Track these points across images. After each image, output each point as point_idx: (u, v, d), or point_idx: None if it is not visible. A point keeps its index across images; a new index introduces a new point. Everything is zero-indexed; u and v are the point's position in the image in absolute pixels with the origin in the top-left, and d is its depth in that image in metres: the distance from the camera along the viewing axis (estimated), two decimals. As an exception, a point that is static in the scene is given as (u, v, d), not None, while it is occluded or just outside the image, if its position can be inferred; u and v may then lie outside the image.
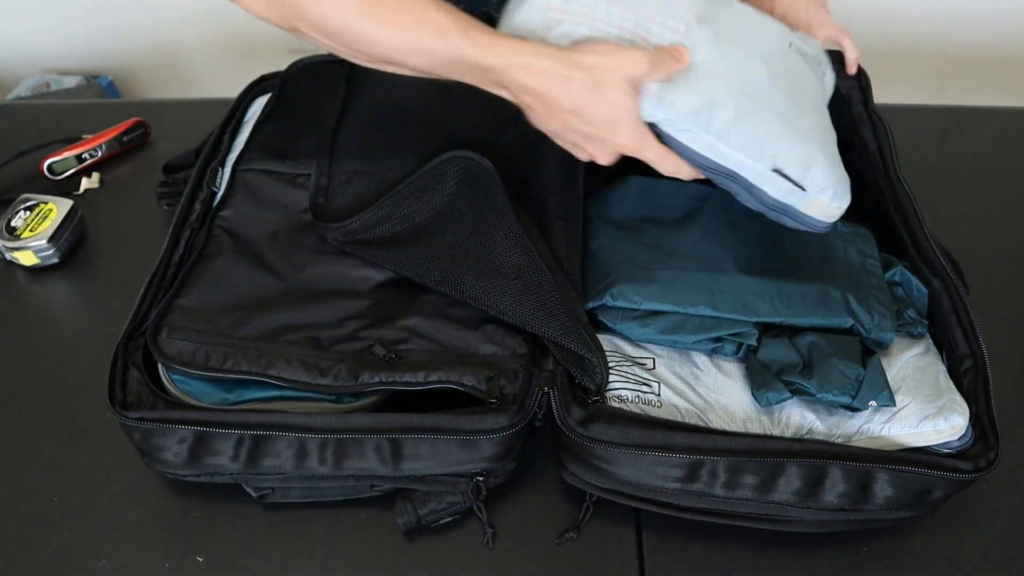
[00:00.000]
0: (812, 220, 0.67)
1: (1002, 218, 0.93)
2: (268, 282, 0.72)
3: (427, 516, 0.65)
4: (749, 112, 0.64)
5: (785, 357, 0.64)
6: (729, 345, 0.66)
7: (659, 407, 0.62)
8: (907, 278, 0.71)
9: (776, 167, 0.65)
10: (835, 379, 0.62)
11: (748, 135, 0.64)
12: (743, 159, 0.64)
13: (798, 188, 0.65)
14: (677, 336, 0.66)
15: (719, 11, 0.68)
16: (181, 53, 2.12)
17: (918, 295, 0.71)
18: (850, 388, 0.62)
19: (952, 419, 0.61)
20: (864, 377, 0.62)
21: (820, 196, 0.66)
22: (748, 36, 0.69)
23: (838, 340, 0.65)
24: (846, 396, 0.62)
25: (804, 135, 0.67)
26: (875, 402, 0.62)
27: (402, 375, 0.64)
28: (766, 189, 0.65)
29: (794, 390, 0.62)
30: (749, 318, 0.66)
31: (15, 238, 0.87)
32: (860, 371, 0.63)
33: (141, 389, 0.64)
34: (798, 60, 0.74)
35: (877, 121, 0.82)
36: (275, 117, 0.89)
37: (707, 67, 0.64)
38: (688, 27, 0.65)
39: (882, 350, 0.67)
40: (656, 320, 0.67)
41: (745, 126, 0.63)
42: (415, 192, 0.74)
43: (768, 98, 0.66)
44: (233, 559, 0.65)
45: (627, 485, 0.62)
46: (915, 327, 0.69)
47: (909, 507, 0.61)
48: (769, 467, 0.59)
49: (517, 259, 0.69)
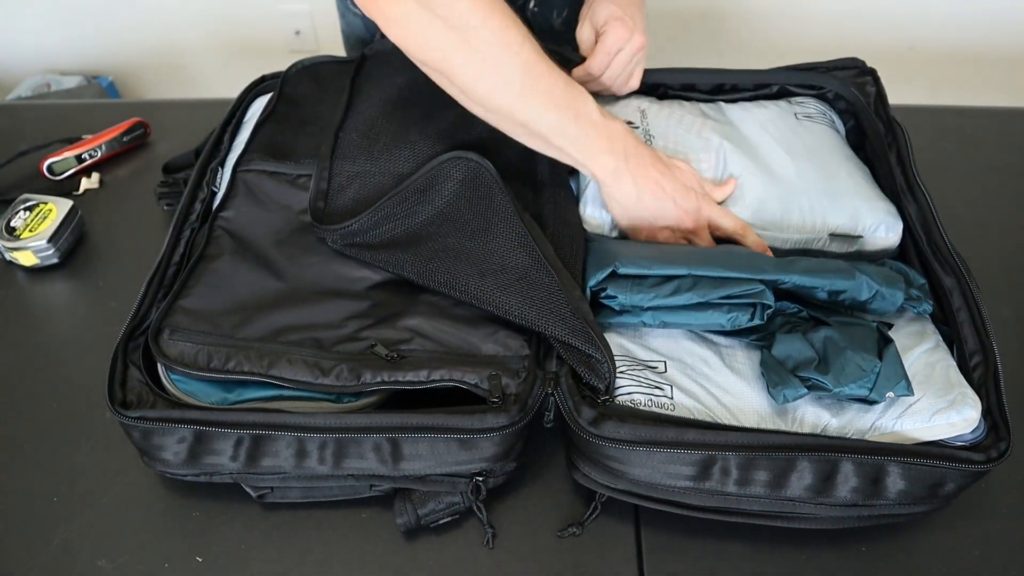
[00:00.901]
0: (879, 254, 0.77)
1: (1002, 218, 0.93)
2: (269, 283, 0.72)
3: (426, 516, 0.65)
4: (792, 199, 0.77)
5: (800, 353, 0.64)
6: (743, 313, 0.65)
7: (672, 410, 0.62)
8: (903, 267, 0.72)
9: (831, 231, 0.76)
10: (851, 372, 0.61)
11: (800, 218, 0.76)
12: (803, 237, 0.77)
13: (856, 238, 0.76)
14: (691, 295, 0.65)
15: (732, 125, 0.85)
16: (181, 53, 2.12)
17: (915, 278, 0.71)
18: (867, 381, 0.61)
19: (964, 412, 0.62)
20: (880, 369, 0.62)
21: (875, 235, 0.76)
22: (762, 130, 0.83)
23: (853, 332, 0.64)
24: (863, 389, 0.61)
25: (842, 191, 0.78)
26: (892, 393, 0.62)
27: (404, 374, 0.64)
28: (832, 249, 0.77)
29: (810, 386, 0.62)
30: (757, 275, 0.66)
31: (15, 238, 0.87)
32: (876, 363, 0.62)
33: (141, 388, 0.64)
34: (810, 125, 0.86)
35: (895, 125, 0.84)
36: (275, 117, 0.89)
37: (743, 177, 0.79)
38: (717, 151, 0.81)
39: (892, 318, 0.68)
40: (667, 285, 0.66)
41: (793, 214, 0.76)
42: (415, 194, 0.74)
43: (800, 177, 0.78)
44: (233, 559, 0.65)
45: (639, 485, 0.62)
46: (920, 304, 0.69)
47: (922, 501, 0.61)
48: (781, 462, 0.59)
49: (520, 259, 0.69)
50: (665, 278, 0.67)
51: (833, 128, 0.87)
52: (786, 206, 0.77)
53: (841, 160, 0.82)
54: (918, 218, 0.76)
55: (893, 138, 0.83)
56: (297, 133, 0.86)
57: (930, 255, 0.73)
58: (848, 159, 0.83)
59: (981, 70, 1.92)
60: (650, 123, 0.84)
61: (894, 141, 0.83)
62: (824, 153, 0.82)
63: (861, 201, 0.77)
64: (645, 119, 0.84)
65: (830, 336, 0.64)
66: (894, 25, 1.88)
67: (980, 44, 1.90)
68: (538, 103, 0.70)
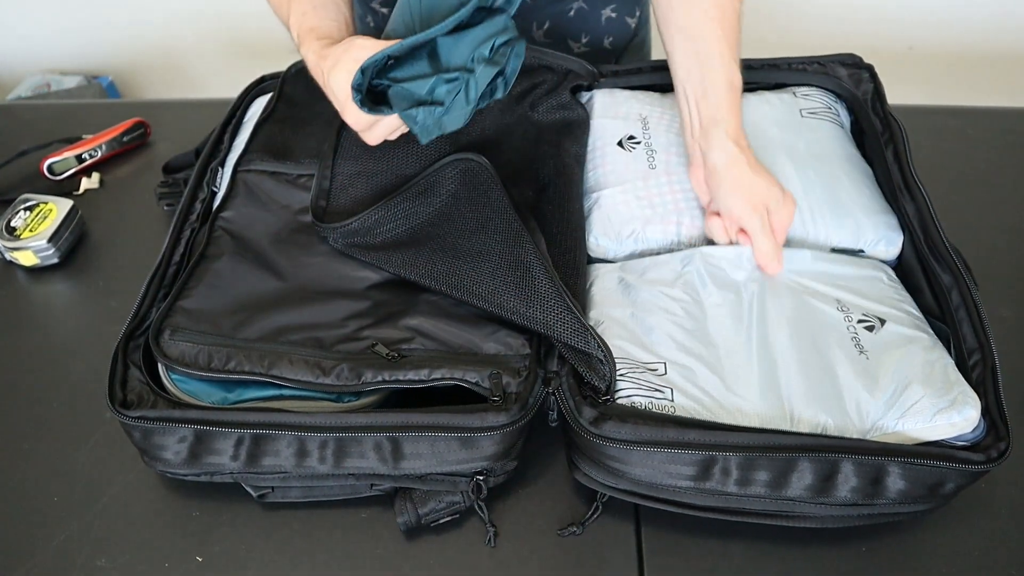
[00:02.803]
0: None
1: (1002, 218, 0.93)
2: (270, 283, 0.72)
3: (427, 515, 0.65)
4: (795, 212, 0.74)
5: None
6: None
7: (673, 412, 0.62)
8: None
9: (832, 247, 0.76)
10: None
11: (803, 232, 0.76)
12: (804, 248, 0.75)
13: (857, 253, 0.76)
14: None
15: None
16: (181, 53, 2.12)
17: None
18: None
19: (965, 412, 0.62)
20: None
21: (876, 248, 0.76)
22: (765, 133, 0.82)
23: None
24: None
25: (844, 202, 0.77)
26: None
27: (405, 373, 0.64)
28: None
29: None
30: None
31: (15, 238, 0.87)
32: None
33: (141, 388, 0.64)
34: (814, 124, 0.85)
35: (892, 121, 0.84)
36: (275, 117, 0.89)
37: None
38: None
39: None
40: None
41: (796, 227, 0.75)
42: (415, 195, 0.74)
43: (803, 188, 0.78)
44: (233, 559, 0.65)
45: (640, 485, 0.62)
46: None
47: (922, 500, 0.61)
48: (781, 463, 0.59)
49: (518, 255, 0.69)
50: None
51: (838, 123, 0.87)
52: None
53: (845, 164, 0.82)
54: (915, 216, 0.76)
55: (890, 135, 0.83)
56: (297, 133, 0.86)
57: (928, 253, 0.73)
58: (851, 162, 0.82)
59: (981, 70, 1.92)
60: (651, 135, 0.83)
61: (891, 138, 0.83)
62: (827, 157, 0.82)
63: (863, 216, 0.76)
64: (647, 130, 0.84)
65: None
66: (894, 25, 1.88)
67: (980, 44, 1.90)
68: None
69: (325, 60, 0.70)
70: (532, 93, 0.87)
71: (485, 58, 0.65)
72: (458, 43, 0.66)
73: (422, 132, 0.68)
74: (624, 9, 1.03)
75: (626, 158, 0.82)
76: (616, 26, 1.03)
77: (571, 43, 1.03)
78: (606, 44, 1.04)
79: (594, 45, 1.04)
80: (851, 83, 0.90)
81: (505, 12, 0.66)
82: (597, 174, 0.82)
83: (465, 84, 0.65)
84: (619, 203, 0.78)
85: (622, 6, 1.02)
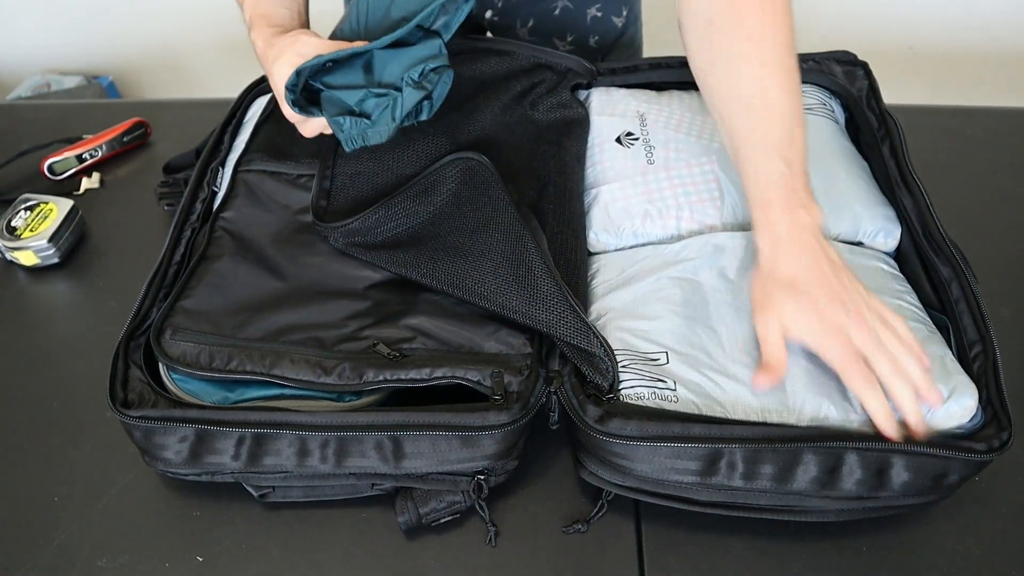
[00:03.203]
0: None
1: (1002, 218, 0.93)
2: (270, 283, 0.72)
3: (428, 515, 0.65)
4: None
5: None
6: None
7: (676, 402, 0.62)
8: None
9: (832, 238, 0.75)
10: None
11: None
12: None
13: (856, 244, 0.76)
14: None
15: None
16: (181, 53, 2.12)
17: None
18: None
19: (963, 401, 0.62)
20: None
21: (875, 240, 0.76)
22: None
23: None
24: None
25: (842, 195, 0.78)
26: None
27: (406, 372, 0.64)
28: None
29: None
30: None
31: (15, 238, 0.87)
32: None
33: (142, 388, 0.64)
34: (810, 119, 0.85)
35: (888, 118, 0.84)
36: (276, 117, 0.88)
37: None
38: (719, 155, 0.79)
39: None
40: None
41: None
42: (416, 195, 0.74)
43: None
44: (233, 559, 0.65)
45: (646, 481, 0.62)
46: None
47: (925, 492, 0.61)
48: (787, 455, 0.59)
49: (520, 254, 0.69)
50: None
51: (832, 119, 0.87)
52: None
53: (841, 159, 0.82)
54: (913, 210, 0.76)
55: (886, 131, 0.83)
56: (297, 133, 0.86)
57: (927, 247, 0.73)
58: (847, 156, 0.83)
59: (981, 70, 1.92)
60: (649, 131, 0.83)
61: (887, 134, 0.83)
62: (824, 151, 0.82)
63: (861, 207, 0.77)
64: (644, 126, 0.84)
65: None
66: (894, 25, 1.88)
67: (980, 44, 1.90)
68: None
69: (271, 48, 0.73)
70: (532, 92, 0.87)
71: (414, 81, 0.68)
72: (393, 60, 0.69)
73: (347, 141, 0.70)
74: (610, 8, 1.03)
75: (624, 154, 0.82)
76: (602, 25, 1.04)
77: (556, 42, 1.03)
78: (591, 43, 1.04)
79: (579, 44, 1.04)
80: (846, 80, 0.90)
81: (440, 36, 0.69)
82: (596, 170, 0.82)
83: (392, 102, 0.68)
84: (618, 199, 0.78)
85: (608, 5, 1.02)
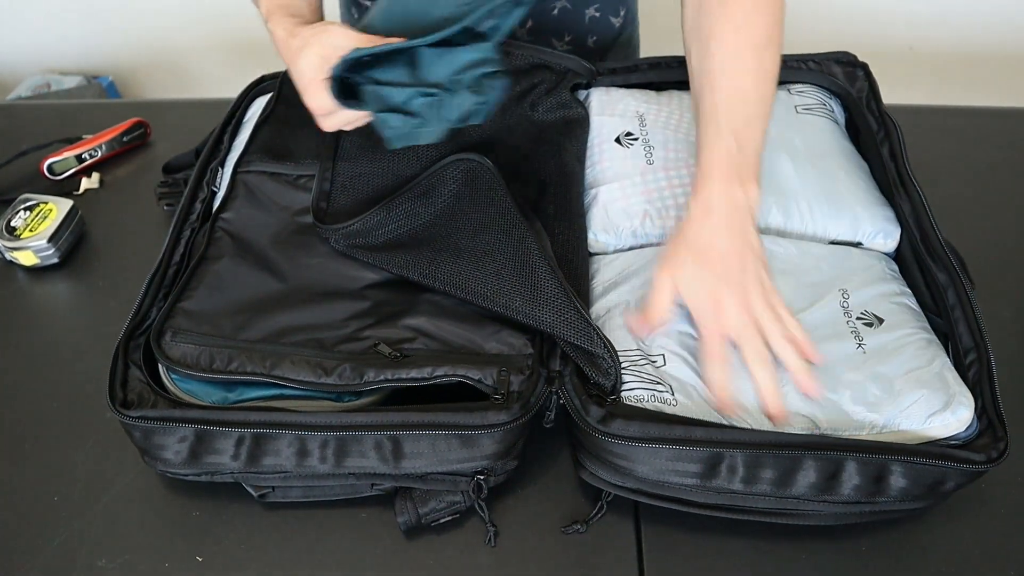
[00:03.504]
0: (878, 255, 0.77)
1: (1002, 218, 0.93)
2: (270, 284, 0.72)
3: (427, 515, 0.65)
4: (793, 205, 0.77)
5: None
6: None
7: (674, 405, 0.63)
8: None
9: (831, 240, 0.76)
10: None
11: (800, 225, 0.76)
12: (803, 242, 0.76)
13: (856, 245, 0.76)
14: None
15: None
16: (181, 53, 2.12)
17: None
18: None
19: (959, 412, 0.62)
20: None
21: (874, 241, 0.77)
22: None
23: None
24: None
25: (842, 196, 0.78)
26: None
27: (407, 372, 0.64)
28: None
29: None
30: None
31: (15, 238, 0.87)
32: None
33: (142, 388, 0.64)
34: (810, 120, 0.85)
35: (888, 120, 0.84)
36: (275, 118, 0.89)
37: None
38: None
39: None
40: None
41: (794, 220, 0.76)
42: (417, 196, 0.74)
43: (801, 182, 0.78)
44: (233, 559, 0.65)
45: (646, 483, 0.62)
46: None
47: (921, 498, 0.61)
48: (787, 461, 0.59)
49: (522, 255, 0.69)
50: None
51: (832, 120, 0.87)
52: (787, 212, 0.77)
53: (841, 159, 0.82)
54: (911, 214, 0.76)
55: (886, 133, 0.83)
56: (297, 134, 0.86)
57: (924, 252, 0.73)
58: (847, 157, 0.83)
59: (981, 70, 1.92)
60: (649, 132, 0.83)
61: (887, 136, 0.83)
62: (824, 152, 0.82)
63: (861, 208, 0.77)
64: (644, 126, 0.84)
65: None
66: (894, 25, 1.88)
67: (980, 44, 1.90)
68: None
69: (295, 38, 0.71)
70: (532, 93, 0.87)
71: (468, 86, 0.66)
72: (440, 59, 0.67)
73: (395, 138, 0.69)
74: (608, 8, 1.03)
75: (624, 154, 0.82)
76: (600, 25, 1.04)
77: (554, 42, 1.03)
78: (590, 43, 1.04)
79: (577, 44, 1.04)
80: (846, 81, 0.90)
81: (489, 40, 0.68)
82: (595, 170, 0.82)
83: (441, 102, 0.66)
84: (617, 199, 0.78)
85: (606, 5, 1.02)
